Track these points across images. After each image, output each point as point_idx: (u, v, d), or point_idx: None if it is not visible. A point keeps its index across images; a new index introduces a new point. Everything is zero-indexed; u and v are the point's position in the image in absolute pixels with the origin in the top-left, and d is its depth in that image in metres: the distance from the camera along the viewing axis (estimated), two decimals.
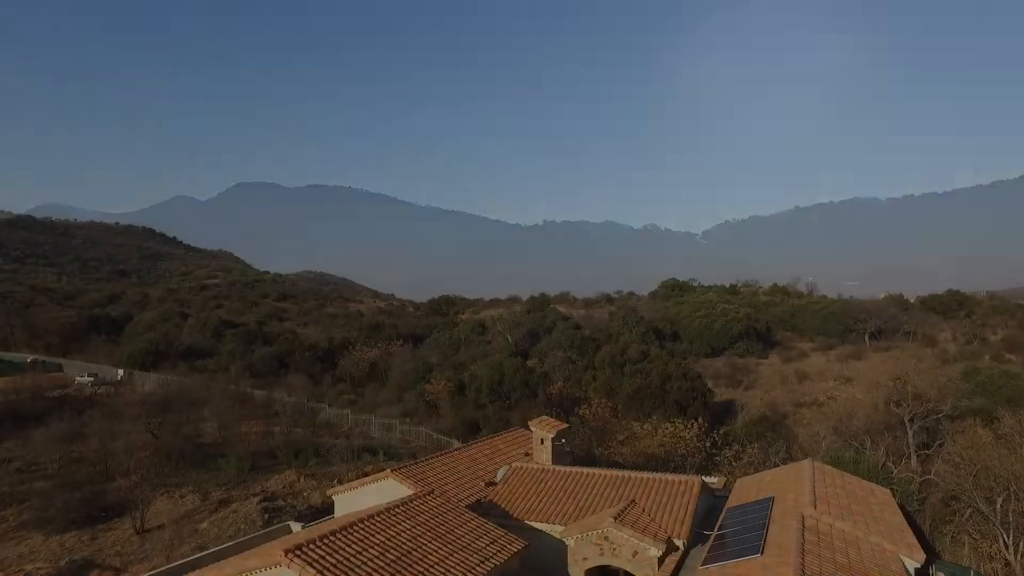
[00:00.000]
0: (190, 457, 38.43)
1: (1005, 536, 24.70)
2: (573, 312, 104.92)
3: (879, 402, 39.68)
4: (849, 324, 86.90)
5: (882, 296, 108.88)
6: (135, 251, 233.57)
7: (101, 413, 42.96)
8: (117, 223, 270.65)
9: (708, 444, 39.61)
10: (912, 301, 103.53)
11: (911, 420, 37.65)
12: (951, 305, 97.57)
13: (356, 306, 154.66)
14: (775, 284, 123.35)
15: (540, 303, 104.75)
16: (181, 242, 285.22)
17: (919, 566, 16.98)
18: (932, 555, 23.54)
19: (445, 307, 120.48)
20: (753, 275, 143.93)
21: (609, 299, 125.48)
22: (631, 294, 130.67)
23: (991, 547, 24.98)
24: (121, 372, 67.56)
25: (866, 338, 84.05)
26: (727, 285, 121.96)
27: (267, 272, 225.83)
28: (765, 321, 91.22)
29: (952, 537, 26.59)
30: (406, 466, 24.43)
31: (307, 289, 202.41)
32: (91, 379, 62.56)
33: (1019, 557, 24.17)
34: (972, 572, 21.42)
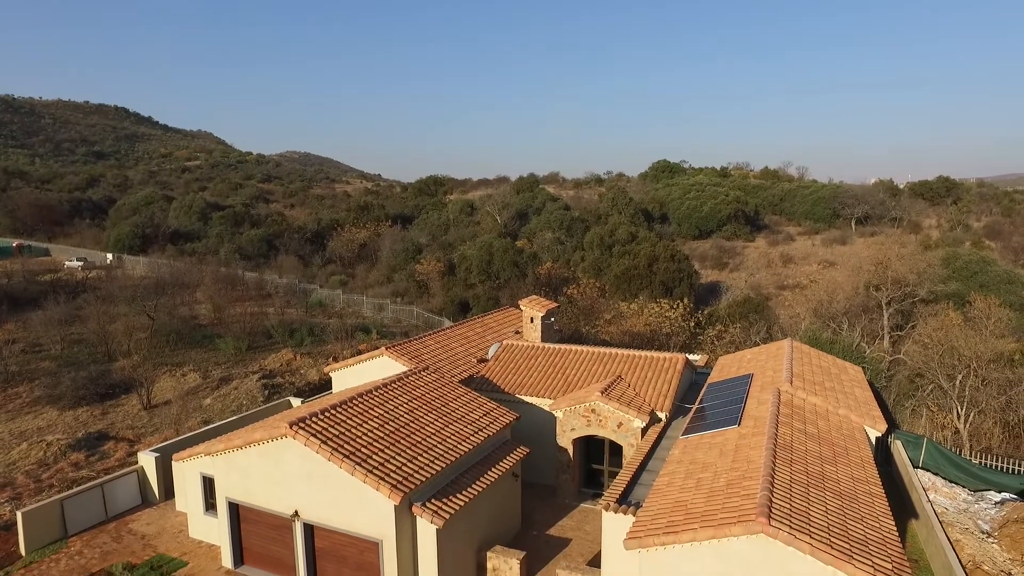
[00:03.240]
0: (187, 338, 39.40)
1: (959, 408, 26.57)
2: (562, 193, 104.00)
3: (859, 286, 40.85)
4: (837, 209, 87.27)
5: (872, 182, 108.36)
6: (110, 131, 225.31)
7: (95, 296, 43.41)
8: (87, 102, 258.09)
9: (692, 324, 40.93)
10: (902, 187, 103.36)
11: (888, 303, 39.00)
12: (940, 191, 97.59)
13: (343, 187, 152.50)
14: (767, 167, 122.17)
15: (529, 184, 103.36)
16: (158, 122, 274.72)
17: (880, 435, 18.34)
18: (893, 425, 25.37)
19: (433, 187, 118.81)
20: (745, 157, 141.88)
21: (599, 180, 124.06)
22: (621, 175, 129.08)
23: (945, 418, 26.90)
24: (110, 256, 67.53)
25: (852, 223, 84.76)
26: (718, 168, 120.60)
27: (250, 153, 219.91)
28: (754, 205, 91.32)
29: (912, 410, 28.48)
30: (400, 344, 25.15)
31: (292, 170, 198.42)
32: (80, 263, 62.62)
33: (967, 425, 26.17)
34: (925, 439, 23.26)
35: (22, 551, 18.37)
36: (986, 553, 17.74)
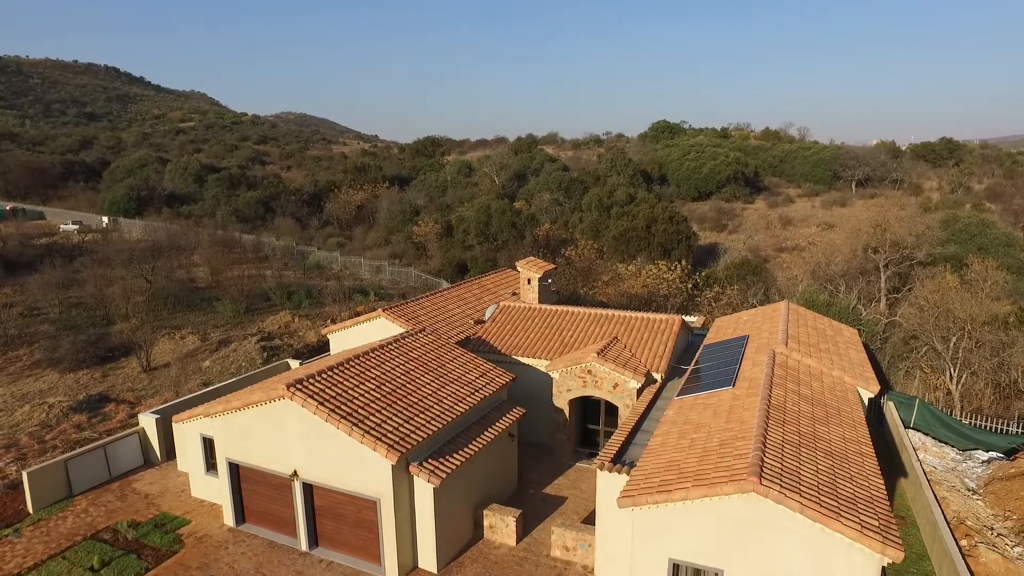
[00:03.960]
0: (185, 300, 39.44)
1: (952, 370, 26.83)
2: (561, 154, 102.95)
3: (857, 248, 40.81)
4: (837, 171, 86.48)
5: (874, 143, 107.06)
6: (101, 92, 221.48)
7: (92, 260, 43.31)
8: (76, 61, 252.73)
9: (690, 285, 40.98)
10: (904, 149, 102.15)
11: (886, 266, 39.03)
12: (942, 153, 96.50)
13: (339, 148, 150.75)
14: (767, 128, 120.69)
15: (527, 144, 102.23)
16: (150, 82, 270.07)
17: (873, 396, 18.53)
18: (886, 387, 25.65)
19: (431, 148, 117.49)
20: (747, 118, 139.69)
21: (598, 141, 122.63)
22: (620, 136, 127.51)
23: (938, 380, 27.19)
24: (106, 219, 67.17)
25: (853, 185, 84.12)
26: (718, 128, 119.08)
27: (245, 114, 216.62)
28: (754, 166, 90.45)
29: (906, 372, 28.77)
30: (397, 305, 25.18)
31: (288, 131, 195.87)
32: (76, 227, 62.30)
33: (959, 387, 26.47)
34: (917, 400, 23.55)
35: (30, 509, 18.73)
36: (970, 509, 18.13)
